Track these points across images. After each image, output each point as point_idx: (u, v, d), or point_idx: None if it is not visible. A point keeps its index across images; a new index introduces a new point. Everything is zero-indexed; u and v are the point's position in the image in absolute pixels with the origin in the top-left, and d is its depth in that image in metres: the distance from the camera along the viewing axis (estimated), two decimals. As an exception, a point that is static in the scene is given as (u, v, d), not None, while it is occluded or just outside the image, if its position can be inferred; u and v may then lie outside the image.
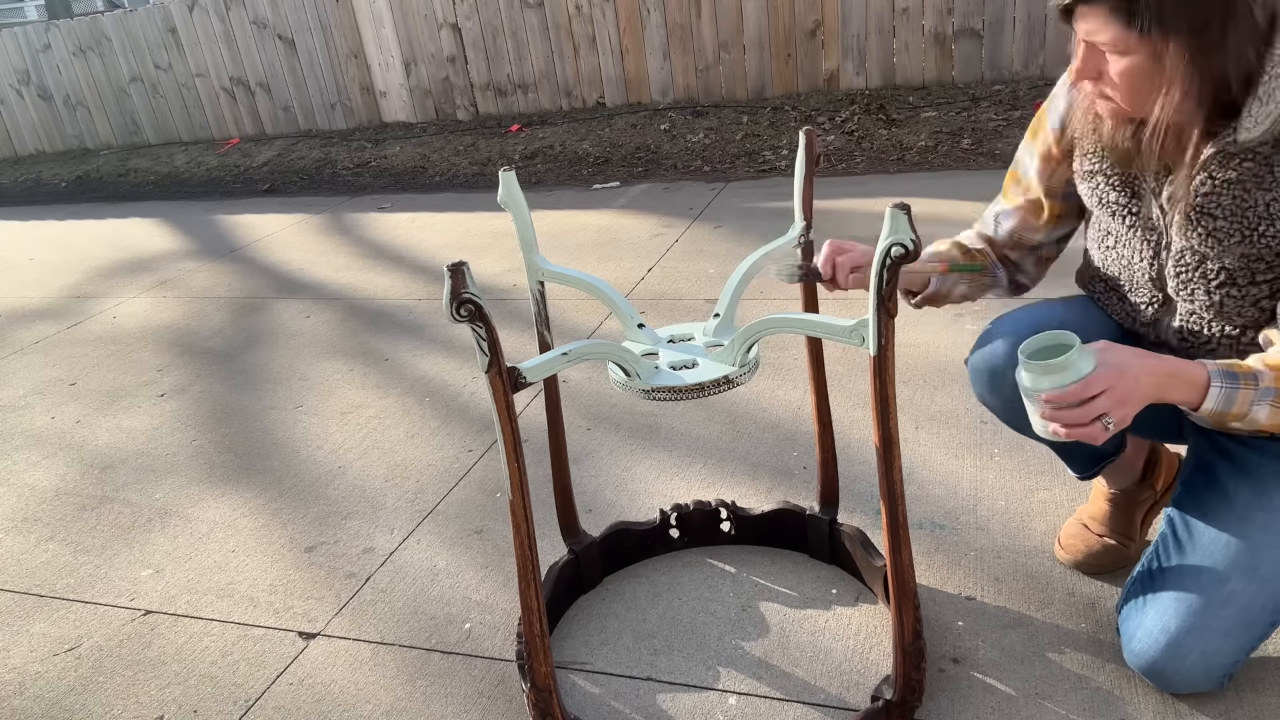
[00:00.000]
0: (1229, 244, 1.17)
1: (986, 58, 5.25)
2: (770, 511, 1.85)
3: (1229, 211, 1.16)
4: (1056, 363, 1.08)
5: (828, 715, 1.47)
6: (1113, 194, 1.31)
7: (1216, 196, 1.16)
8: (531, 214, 2.00)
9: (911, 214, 1.13)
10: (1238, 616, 1.22)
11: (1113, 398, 1.08)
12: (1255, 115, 1.09)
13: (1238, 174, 1.13)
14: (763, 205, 4.27)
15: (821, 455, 1.74)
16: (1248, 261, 1.18)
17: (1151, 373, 1.10)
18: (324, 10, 6.48)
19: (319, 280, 4.03)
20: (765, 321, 1.31)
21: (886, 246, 1.15)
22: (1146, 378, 1.10)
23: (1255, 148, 1.11)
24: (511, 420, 1.26)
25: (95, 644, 1.88)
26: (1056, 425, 1.11)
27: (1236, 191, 1.14)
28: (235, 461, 2.54)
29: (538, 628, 1.34)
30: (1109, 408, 1.08)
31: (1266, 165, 1.12)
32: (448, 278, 1.15)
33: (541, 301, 1.64)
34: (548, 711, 1.40)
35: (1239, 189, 1.14)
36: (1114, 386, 1.08)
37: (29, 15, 24.50)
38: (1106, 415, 1.08)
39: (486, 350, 1.20)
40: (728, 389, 1.33)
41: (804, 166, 1.54)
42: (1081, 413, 1.08)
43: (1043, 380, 1.10)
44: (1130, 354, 1.11)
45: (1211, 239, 1.19)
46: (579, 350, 1.29)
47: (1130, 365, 1.10)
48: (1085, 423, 1.09)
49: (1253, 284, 1.20)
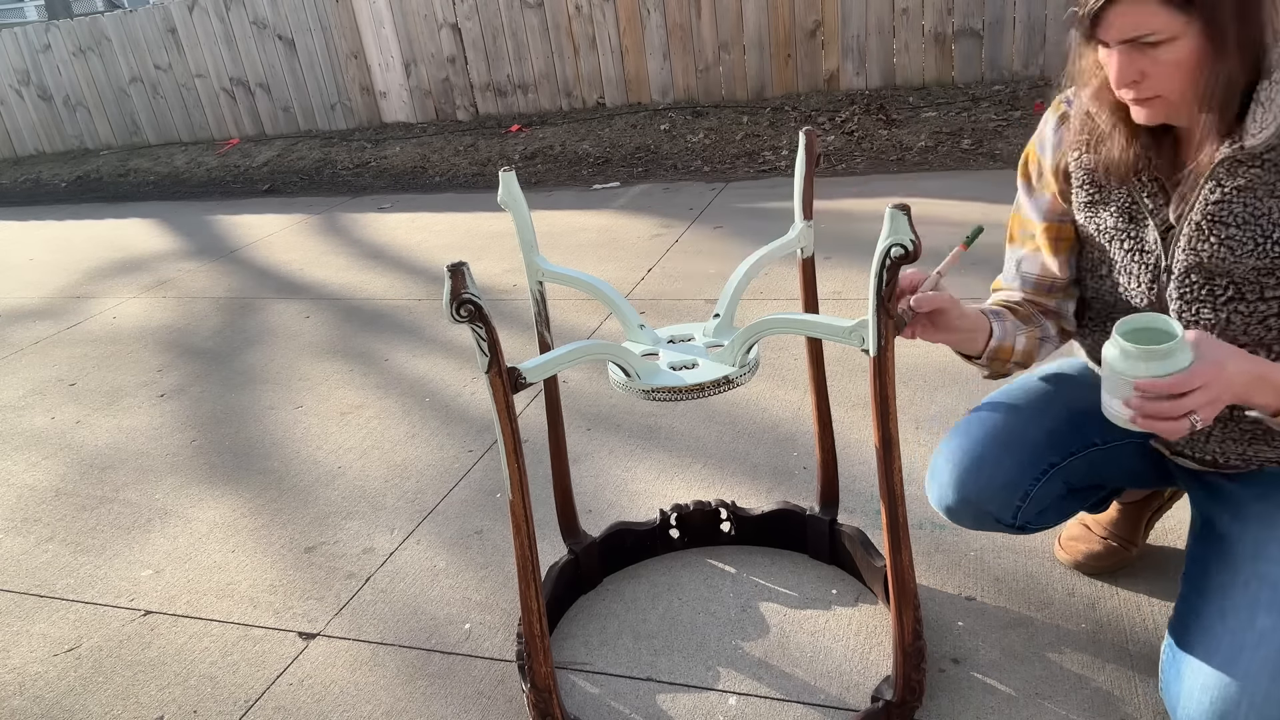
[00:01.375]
0: (1241, 254, 1.14)
1: (986, 58, 5.25)
2: (770, 512, 1.85)
3: (1241, 220, 1.13)
4: (1160, 349, 1.01)
5: (828, 715, 1.47)
6: (1111, 220, 1.28)
7: (1228, 204, 1.13)
8: (531, 214, 2.01)
9: (911, 214, 1.13)
10: (1277, 656, 1.10)
11: (1208, 395, 1.03)
12: (1260, 120, 1.08)
13: (1247, 181, 1.11)
14: (763, 205, 4.27)
15: (821, 455, 1.74)
16: (1257, 275, 1.15)
17: (1245, 372, 1.06)
18: (324, 10, 6.49)
19: (319, 280, 4.03)
20: (765, 322, 1.31)
21: (886, 247, 1.15)
22: (1240, 376, 1.05)
23: (1263, 154, 1.10)
24: (511, 421, 1.26)
25: (95, 644, 1.88)
26: (1137, 415, 1.05)
27: (1248, 199, 1.12)
28: (235, 461, 2.54)
29: (538, 628, 1.34)
30: (1200, 404, 1.02)
31: (1277, 171, 1.10)
32: (448, 278, 1.15)
33: (541, 302, 1.64)
34: (548, 712, 1.40)
35: (1250, 196, 1.12)
36: (1211, 383, 1.02)
37: (29, 15, 24.50)
38: (1194, 413, 1.03)
39: (486, 350, 1.20)
40: (728, 389, 1.33)
41: (804, 167, 1.54)
42: (1171, 406, 1.03)
43: (1140, 366, 1.02)
44: (1225, 349, 1.06)
45: (1224, 248, 1.15)
46: (579, 350, 1.29)
47: (1228, 361, 1.04)
48: (1175, 417, 1.03)
49: (1261, 299, 1.16)
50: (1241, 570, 1.18)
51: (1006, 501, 1.41)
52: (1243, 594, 1.16)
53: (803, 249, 1.62)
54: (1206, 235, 1.17)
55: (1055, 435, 1.42)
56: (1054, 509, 1.47)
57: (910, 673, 1.36)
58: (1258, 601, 1.14)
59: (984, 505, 1.42)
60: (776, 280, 3.23)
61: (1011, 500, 1.41)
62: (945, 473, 1.44)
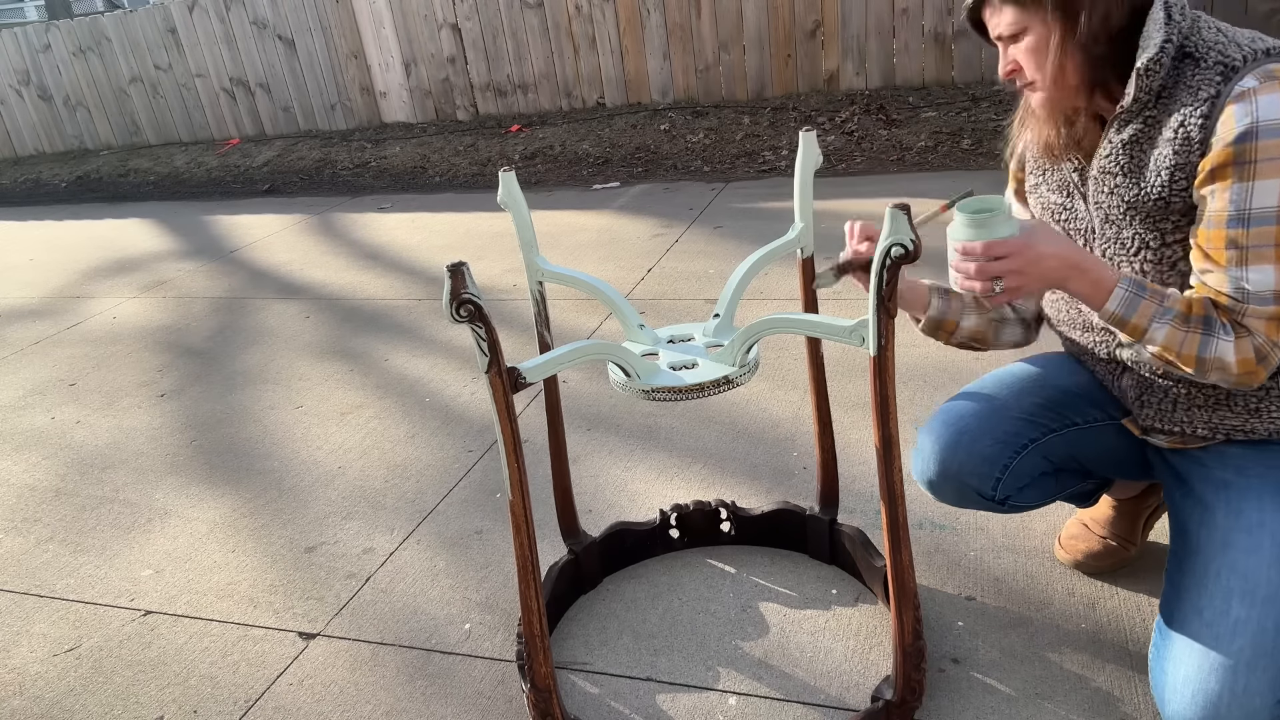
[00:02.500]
0: (1127, 197, 1.23)
1: (986, 58, 5.25)
2: (770, 511, 1.85)
3: (1124, 168, 1.22)
4: (979, 217, 1.15)
5: (828, 715, 1.47)
6: (1053, 197, 1.36)
7: (1115, 157, 1.23)
8: (531, 214, 2.01)
9: (911, 214, 1.13)
10: (1255, 645, 1.13)
11: (1013, 264, 1.15)
12: (1132, 83, 1.17)
13: (1131, 134, 1.20)
14: (763, 205, 4.27)
15: (821, 455, 1.75)
16: (1153, 222, 1.22)
17: (1060, 257, 1.17)
18: (324, 11, 6.49)
19: (319, 281, 4.03)
20: (765, 321, 1.31)
21: (886, 247, 1.15)
22: (1053, 259, 1.16)
23: (1143, 111, 1.19)
24: (511, 421, 1.26)
25: (95, 644, 1.88)
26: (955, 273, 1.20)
27: (1133, 151, 1.21)
28: (235, 461, 2.54)
29: (538, 628, 1.34)
30: (1005, 271, 1.15)
31: (1156, 125, 1.18)
32: (448, 278, 1.15)
33: (541, 302, 1.64)
34: (548, 712, 1.40)
35: (1134, 148, 1.20)
36: (1017, 254, 1.15)
37: (29, 15, 24.50)
38: (1000, 279, 1.16)
39: (486, 350, 1.20)
40: (727, 389, 1.33)
41: (804, 168, 1.54)
42: (980, 268, 1.16)
43: (960, 231, 1.17)
44: (1052, 237, 1.18)
45: (1115, 197, 1.24)
46: (579, 350, 1.30)
47: (1041, 243, 1.16)
48: (977, 279, 1.17)
49: (1164, 245, 1.23)
50: (1212, 562, 1.21)
51: (986, 475, 1.45)
52: (1215, 585, 1.19)
53: (802, 249, 1.62)
54: (1101, 185, 1.26)
55: (1035, 412, 1.46)
56: (1035, 487, 1.50)
57: (910, 672, 1.36)
58: (1230, 592, 1.17)
59: (964, 478, 1.45)
60: (776, 280, 3.23)
61: (991, 473, 1.44)
62: (927, 447, 1.48)
